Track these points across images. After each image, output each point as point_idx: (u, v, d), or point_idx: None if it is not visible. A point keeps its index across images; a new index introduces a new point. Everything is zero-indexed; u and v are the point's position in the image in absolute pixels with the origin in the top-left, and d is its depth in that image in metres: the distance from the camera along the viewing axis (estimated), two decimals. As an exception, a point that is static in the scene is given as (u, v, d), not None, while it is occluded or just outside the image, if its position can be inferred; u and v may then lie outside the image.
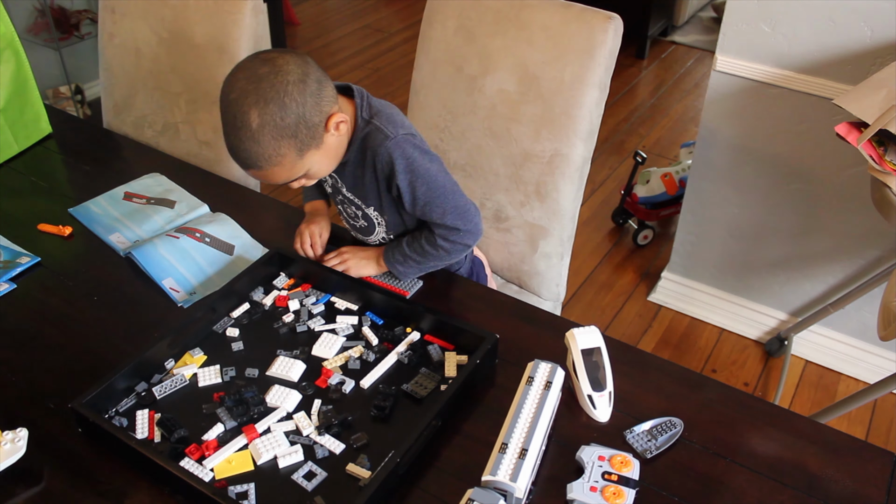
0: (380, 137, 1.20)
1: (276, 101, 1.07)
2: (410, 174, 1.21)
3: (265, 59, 1.11)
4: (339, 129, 1.16)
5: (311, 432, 1.08)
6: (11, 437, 1.03)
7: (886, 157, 1.47)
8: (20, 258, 1.41)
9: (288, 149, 1.10)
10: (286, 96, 1.08)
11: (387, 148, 1.20)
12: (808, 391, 2.17)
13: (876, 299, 2.03)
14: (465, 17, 1.56)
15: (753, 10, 1.87)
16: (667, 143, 3.31)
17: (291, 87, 1.08)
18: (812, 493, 1.00)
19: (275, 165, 1.12)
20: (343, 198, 1.34)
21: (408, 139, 1.21)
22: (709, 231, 2.28)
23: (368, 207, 1.32)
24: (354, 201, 1.32)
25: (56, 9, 3.11)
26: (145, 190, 1.59)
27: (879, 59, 1.76)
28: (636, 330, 2.38)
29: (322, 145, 1.15)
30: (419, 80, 1.66)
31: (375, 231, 1.36)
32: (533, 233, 1.60)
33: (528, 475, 0.96)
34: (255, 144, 1.09)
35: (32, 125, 1.74)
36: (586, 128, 1.48)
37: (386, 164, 1.21)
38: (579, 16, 1.45)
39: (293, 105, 1.08)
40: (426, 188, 1.22)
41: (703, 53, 4.05)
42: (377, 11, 4.54)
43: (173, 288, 1.35)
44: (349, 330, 1.26)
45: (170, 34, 1.77)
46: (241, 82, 1.09)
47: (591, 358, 1.12)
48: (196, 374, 1.17)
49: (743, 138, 2.06)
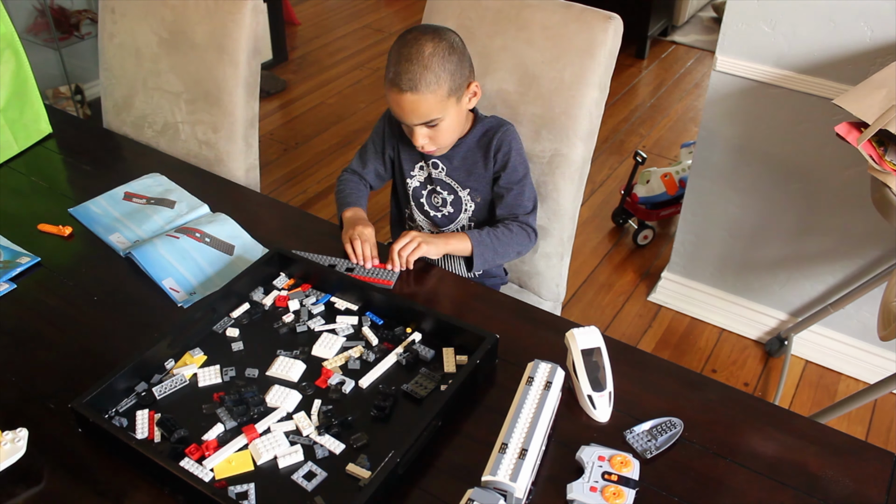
0: (504, 122, 1.46)
1: (448, 41, 1.32)
2: (522, 154, 1.46)
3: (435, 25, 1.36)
4: (471, 101, 1.39)
5: (311, 432, 1.08)
6: (11, 437, 1.03)
7: (886, 157, 1.47)
8: (20, 258, 1.41)
9: (445, 81, 1.31)
10: (454, 42, 1.33)
11: (511, 129, 1.45)
12: (808, 391, 2.17)
13: (876, 299, 2.03)
14: (465, 17, 1.56)
15: (753, 10, 1.87)
16: (667, 143, 3.31)
17: (456, 40, 1.35)
18: (812, 493, 1.00)
19: (430, 93, 1.30)
20: (432, 187, 1.50)
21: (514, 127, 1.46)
22: (709, 231, 2.28)
23: (464, 190, 1.48)
24: (450, 185, 1.48)
25: (56, 9, 3.11)
26: (145, 190, 1.59)
27: (879, 59, 1.76)
28: (636, 330, 2.38)
29: (459, 103, 1.36)
30: None
31: (459, 218, 1.51)
32: (533, 233, 1.60)
33: (528, 475, 0.96)
34: (422, 67, 1.29)
35: (32, 125, 1.74)
36: (586, 128, 1.48)
37: (505, 141, 1.43)
38: (579, 16, 1.45)
39: (457, 52, 1.33)
40: (524, 170, 1.46)
41: (703, 53, 4.05)
42: (377, 11, 4.55)
43: (173, 288, 1.35)
44: (349, 330, 1.26)
45: (170, 34, 1.77)
46: (420, 29, 1.33)
47: (591, 358, 1.12)
48: (196, 374, 1.17)
49: (743, 138, 2.06)
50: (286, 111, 3.55)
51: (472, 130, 1.45)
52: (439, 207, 1.51)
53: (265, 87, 3.55)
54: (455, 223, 1.52)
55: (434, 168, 1.48)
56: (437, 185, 1.50)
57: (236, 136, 1.78)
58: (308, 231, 1.50)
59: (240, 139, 1.79)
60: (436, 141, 1.39)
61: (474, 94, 1.39)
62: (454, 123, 1.38)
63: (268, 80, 3.62)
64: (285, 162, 3.18)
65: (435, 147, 1.40)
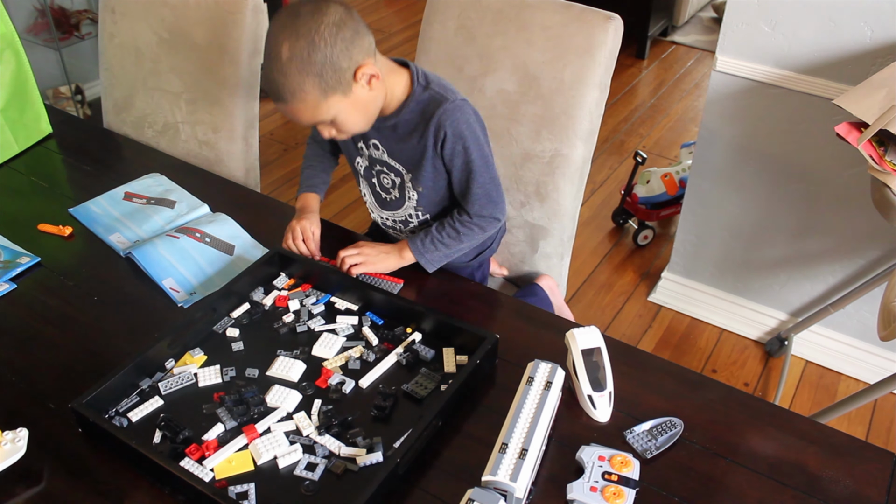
0: (441, 100, 1.25)
1: (307, 37, 1.11)
2: (466, 137, 1.26)
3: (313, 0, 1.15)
4: (370, 85, 1.18)
5: (311, 432, 1.08)
6: (11, 437, 1.03)
7: (886, 157, 1.47)
8: (20, 258, 1.41)
9: (312, 87, 1.13)
10: (317, 35, 1.11)
11: (450, 108, 1.24)
12: (808, 391, 2.17)
13: (876, 299, 2.03)
14: (465, 17, 1.56)
15: (753, 10, 1.87)
16: (667, 143, 3.31)
17: (324, 29, 1.11)
18: (812, 493, 1.00)
19: (299, 101, 1.14)
20: (380, 168, 1.35)
21: (466, 103, 1.27)
22: (709, 231, 2.28)
23: (407, 174, 1.33)
24: (395, 167, 1.33)
25: (56, 9, 3.11)
26: (145, 190, 1.59)
27: (879, 59, 1.76)
28: (636, 330, 2.38)
29: (350, 95, 1.17)
30: None
31: (405, 206, 1.37)
32: (533, 233, 1.60)
33: (528, 475, 0.96)
34: (282, 76, 1.12)
35: (32, 125, 1.74)
36: (586, 128, 1.48)
37: (444, 126, 1.24)
38: (579, 16, 1.45)
39: (322, 45, 1.11)
40: (477, 154, 1.28)
41: (703, 53, 4.05)
42: (377, 11, 4.54)
43: (173, 288, 1.35)
44: (349, 330, 1.26)
45: (170, 34, 1.77)
46: (283, 17, 1.13)
47: (591, 358, 1.12)
48: (196, 374, 1.17)
49: (743, 138, 2.06)
50: (286, 111, 3.54)
51: (405, 105, 1.27)
52: (388, 189, 1.38)
53: (265, 87, 3.54)
54: (402, 210, 1.38)
55: (375, 149, 1.35)
56: (381, 165, 1.36)
57: (236, 136, 1.78)
58: (308, 231, 1.50)
59: (240, 139, 1.79)
60: (343, 132, 1.23)
61: (371, 78, 1.18)
62: (354, 114, 1.21)
63: (268, 80, 3.62)
64: (285, 162, 3.18)
65: (346, 135, 1.25)
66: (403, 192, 1.36)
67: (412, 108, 1.27)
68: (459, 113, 1.25)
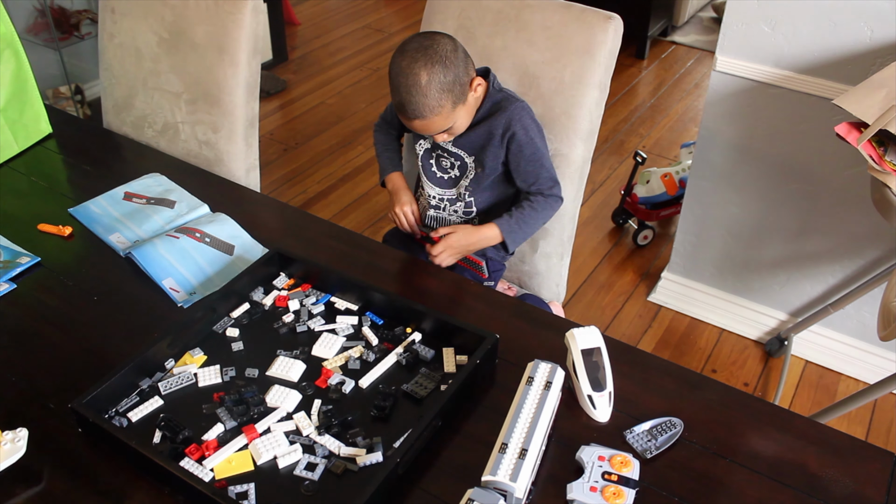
0: (512, 101, 1.46)
1: (440, 63, 1.35)
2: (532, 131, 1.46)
3: (425, 35, 1.40)
4: (477, 91, 1.43)
5: (311, 432, 1.08)
6: (11, 437, 1.03)
7: (886, 157, 1.47)
8: (20, 258, 1.41)
9: (446, 101, 1.37)
10: (447, 60, 1.36)
11: (518, 107, 1.45)
12: (808, 391, 2.17)
13: (876, 299, 2.03)
14: (464, 17, 1.56)
15: (753, 10, 1.87)
16: (667, 143, 3.31)
17: (450, 54, 1.37)
18: (812, 493, 1.00)
19: (436, 115, 1.37)
20: (440, 153, 1.53)
21: (529, 107, 1.48)
22: (709, 231, 2.28)
23: (470, 157, 1.50)
24: (455, 153, 1.51)
25: (56, 9, 3.11)
26: (145, 190, 1.59)
27: (879, 59, 1.76)
28: (636, 330, 2.38)
29: (466, 102, 1.41)
30: None
31: (460, 183, 1.53)
32: (533, 233, 1.60)
33: (528, 475, 0.96)
34: (423, 97, 1.35)
35: (32, 125, 1.74)
36: (586, 128, 1.48)
37: (513, 121, 1.44)
38: (579, 16, 1.45)
39: (451, 67, 1.36)
40: (540, 144, 1.47)
41: (703, 53, 4.05)
42: (377, 11, 4.55)
43: (173, 288, 1.35)
44: (349, 330, 1.26)
45: (170, 34, 1.77)
46: (411, 52, 1.36)
47: (591, 358, 1.12)
48: (196, 373, 1.17)
49: (743, 138, 2.06)
50: (286, 111, 3.55)
51: (482, 106, 1.48)
52: (447, 169, 1.54)
53: (265, 87, 3.55)
54: (455, 188, 1.55)
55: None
56: (443, 152, 1.53)
57: (236, 136, 1.78)
58: (308, 231, 1.50)
59: (240, 139, 1.79)
60: (454, 132, 1.46)
61: (478, 86, 1.43)
62: (466, 118, 1.44)
63: (268, 80, 3.62)
64: (285, 162, 3.18)
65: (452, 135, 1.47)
66: (464, 171, 1.52)
67: (487, 107, 1.47)
68: (527, 112, 1.46)
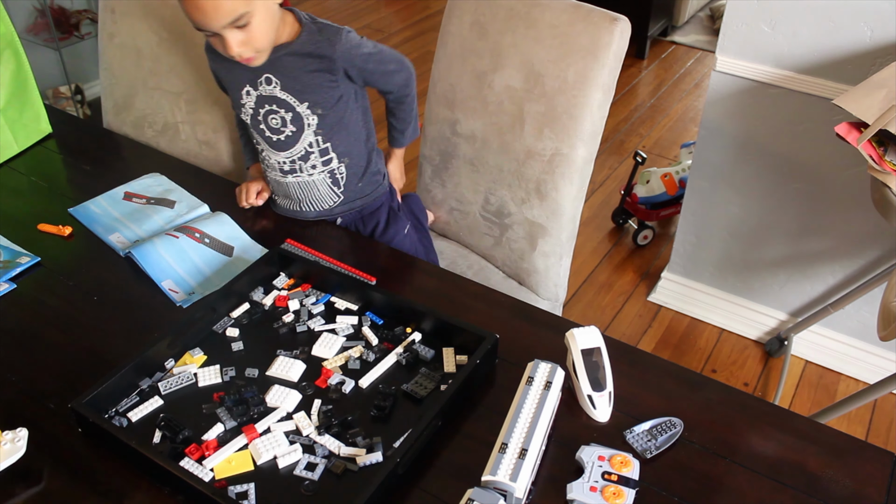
0: (334, 29, 1.36)
1: None
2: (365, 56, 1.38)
3: None
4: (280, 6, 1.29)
5: (311, 432, 1.08)
6: (11, 437, 1.03)
7: (886, 157, 1.47)
8: (20, 258, 1.41)
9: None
10: None
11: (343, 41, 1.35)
12: (808, 391, 2.17)
13: (876, 299, 2.03)
14: (479, 13, 1.57)
15: (753, 10, 1.87)
16: (667, 143, 3.31)
17: None
18: (812, 493, 1.00)
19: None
20: (268, 108, 1.40)
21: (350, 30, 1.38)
22: (709, 231, 2.28)
23: (302, 104, 1.38)
24: (287, 101, 1.38)
25: (56, 9, 3.11)
26: (145, 190, 1.59)
27: (879, 59, 1.76)
28: (636, 330, 2.38)
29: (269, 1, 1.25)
30: (437, 73, 1.67)
31: (303, 135, 1.41)
32: (532, 230, 1.60)
33: (527, 475, 0.96)
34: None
35: (32, 125, 1.74)
36: (588, 129, 1.48)
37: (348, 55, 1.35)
38: (586, 16, 1.44)
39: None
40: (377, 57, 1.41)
41: (703, 53, 4.05)
42: (377, 11, 4.54)
43: (172, 289, 1.35)
44: (349, 330, 1.26)
45: (170, 34, 1.77)
46: None
47: (591, 358, 1.12)
48: (196, 373, 1.17)
49: (743, 138, 2.06)
50: (286, 111, 3.54)
51: (298, 38, 1.35)
52: (280, 128, 1.40)
53: None
54: (300, 142, 1.42)
55: (267, 83, 1.37)
56: (272, 104, 1.39)
57: (236, 136, 1.78)
58: (308, 231, 1.50)
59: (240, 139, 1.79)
60: (251, 44, 1.26)
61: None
62: (267, 22, 1.26)
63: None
64: (285, 162, 3.17)
65: (253, 52, 1.28)
66: (300, 122, 1.40)
67: (305, 37, 1.35)
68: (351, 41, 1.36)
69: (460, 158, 1.67)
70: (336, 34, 1.35)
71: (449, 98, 1.65)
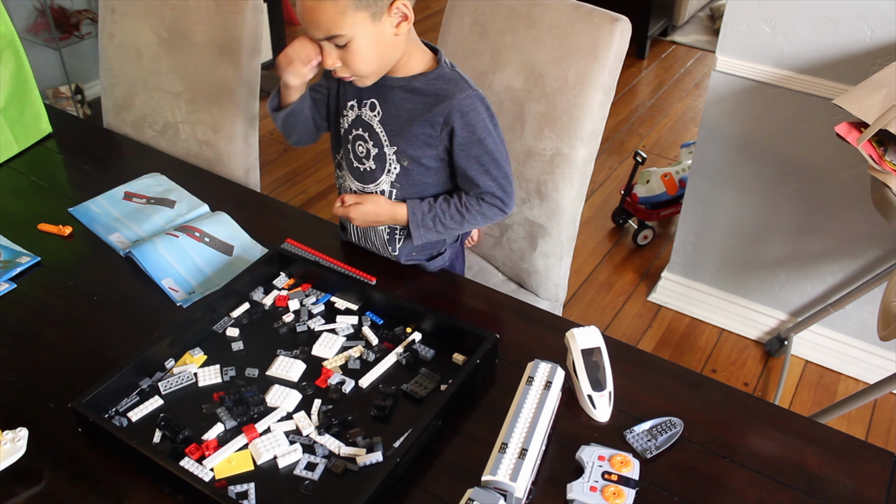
0: (462, 85, 1.23)
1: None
2: (482, 129, 1.24)
3: None
4: (398, 28, 1.17)
5: (311, 432, 1.08)
6: (11, 437, 1.03)
7: (886, 157, 1.47)
8: (20, 258, 1.41)
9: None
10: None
11: (468, 97, 1.22)
12: (808, 391, 2.17)
13: (876, 299, 2.03)
14: (480, 13, 1.57)
15: (753, 10, 1.87)
16: (667, 143, 3.31)
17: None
18: (812, 493, 1.00)
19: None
20: (359, 133, 1.30)
21: (485, 98, 1.25)
22: (709, 231, 2.28)
23: (391, 147, 1.27)
24: (378, 134, 1.28)
25: (56, 9, 3.11)
26: (145, 190, 1.59)
27: (879, 59, 1.76)
28: (636, 330, 2.38)
29: (377, 24, 1.15)
30: None
31: (380, 179, 1.30)
32: (532, 231, 1.60)
33: (528, 475, 0.96)
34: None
35: (32, 125, 1.74)
36: (588, 129, 1.48)
37: (458, 113, 1.22)
38: (587, 16, 1.44)
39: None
40: (492, 147, 1.25)
41: (703, 53, 4.05)
42: (377, 11, 4.54)
43: (172, 288, 1.35)
44: (349, 330, 1.26)
45: (170, 34, 1.77)
46: None
47: (591, 358, 1.12)
48: (196, 373, 1.17)
49: (743, 138, 2.06)
50: (286, 111, 3.54)
51: (424, 75, 1.24)
52: (362, 159, 1.31)
53: (265, 87, 3.54)
54: (375, 184, 1.31)
55: (370, 109, 1.28)
56: (364, 130, 1.29)
57: (236, 136, 1.78)
58: (308, 231, 1.50)
59: (240, 139, 1.79)
60: (349, 66, 1.19)
61: (404, 18, 1.17)
62: (370, 49, 1.17)
63: (268, 80, 3.62)
64: (285, 162, 3.18)
65: (349, 74, 1.21)
66: (383, 164, 1.29)
67: (432, 79, 1.24)
68: (480, 103, 1.23)
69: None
70: (466, 87, 1.23)
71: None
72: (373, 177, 1.31)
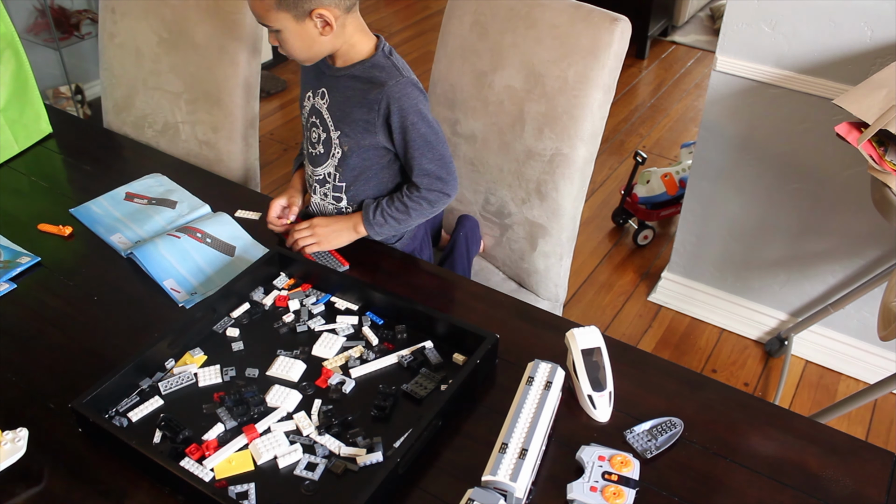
0: (393, 73, 1.31)
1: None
2: (413, 114, 1.31)
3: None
4: (324, 31, 1.26)
5: (311, 432, 1.08)
6: (11, 437, 1.03)
7: (886, 157, 1.47)
8: (20, 258, 1.41)
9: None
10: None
11: (398, 83, 1.30)
12: (808, 391, 2.17)
13: (876, 299, 2.03)
14: (480, 13, 1.57)
15: (753, 10, 1.87)
16: (667, 143, 3.31)
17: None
18: (812, 493, 1.00)
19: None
20: (314, 120, 1.41)
21: (417, 84, 1.33)
22: (709, 231, 2.28)
23: (336, 132, 1.37)
24: (327, 122, 1.38)
25: (56, 9, 3.11)
26: (146, 190, 1.59)
27: (879, 59, 1.76)
28: (636, 330, 2.38)
29: (301, 25, 1.25)
30: (437, 73, 1.67)
31: (326, 163, 1.41)
32: (532, 230, 1.60)
33: (528, 475, 0.96)
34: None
35: (32, 125, 1.74)
36: (588, 129, 1.48)
37: (390, 99, 1.30)
38: (587, 16, 1.44)
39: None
40: (425, 130, 1.32)
41: (704, 53, 4.05)
42: (377, 11, 4.54)
43: (174, 288, 1.35)
44: (349, 330, 1.26)
45: (170, 34, 1.77)
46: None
47: (591, 358, 1.12)
48: (196, 373, 1.17)
49: (743, 138, 2.06)
50: (286, 111, 3.55)
51: (361, 63, 1.32)
52: (315, 144, 1.42)
53: (265, 87, 3.55)
54: (322, 167, 1.42)
55: (321, 98, 1.38)
56: (316, 118, 1.40)
57: (236, 136, 1.78)
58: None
59: (240, 139, 1.79)
60: (284, 50, 1.30)
61: (326, 25, 1.25)
62: (296, 42, 1.27)
63: (268, 80, 3.62)
64: (285, 162, 3.17)
65: (288, 54, 1.32)
66: (329, 148, 1.39)
67: (368, 67, 1.32)
68: (410, 90, 1.30)
69: (460, 158, 1.67)
70: (397, 74, 1.31)
71: (449, 98, 1.65)
72: (320, 160, 1.42)
